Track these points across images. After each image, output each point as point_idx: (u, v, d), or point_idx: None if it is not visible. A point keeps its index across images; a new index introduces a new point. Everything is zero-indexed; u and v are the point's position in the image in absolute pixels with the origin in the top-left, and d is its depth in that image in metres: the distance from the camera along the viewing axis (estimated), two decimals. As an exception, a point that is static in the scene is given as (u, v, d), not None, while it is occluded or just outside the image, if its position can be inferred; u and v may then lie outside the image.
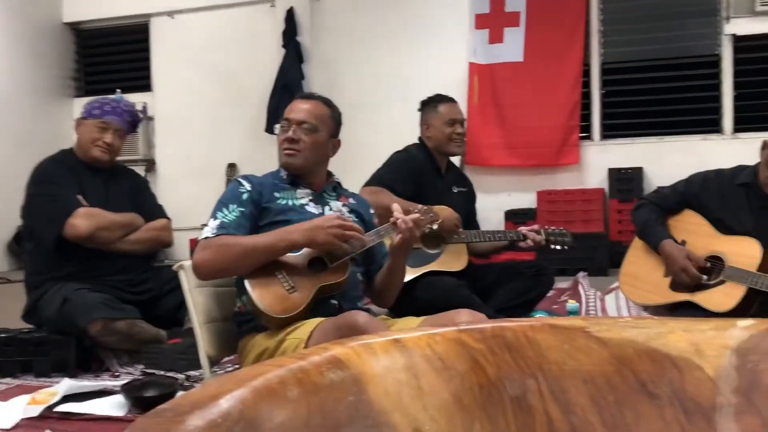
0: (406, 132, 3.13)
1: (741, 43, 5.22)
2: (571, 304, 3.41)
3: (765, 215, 2.36)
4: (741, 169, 2.51)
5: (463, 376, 0.97)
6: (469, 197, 3.12)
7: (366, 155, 3.53)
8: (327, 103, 2.02)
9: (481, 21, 5.60)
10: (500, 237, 2.87)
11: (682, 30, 5.33)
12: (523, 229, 2.84)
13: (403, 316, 2.01)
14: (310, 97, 2.02)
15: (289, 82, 5.70)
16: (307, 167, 1.96)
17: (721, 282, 2.33)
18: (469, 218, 3.04)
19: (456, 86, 5.37)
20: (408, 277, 2.74)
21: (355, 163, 3.44)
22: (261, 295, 1.75)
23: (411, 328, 1.50)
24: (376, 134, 5.49)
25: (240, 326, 1.90)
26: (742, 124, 5.24)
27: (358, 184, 2.84)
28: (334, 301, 1.85)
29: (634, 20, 5.43)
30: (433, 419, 0.91)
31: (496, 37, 5.57)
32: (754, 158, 2.47)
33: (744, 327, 0.98)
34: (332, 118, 2.00)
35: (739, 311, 2.23)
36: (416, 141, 3.03)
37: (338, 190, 2.08)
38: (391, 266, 1.96)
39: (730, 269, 2.31)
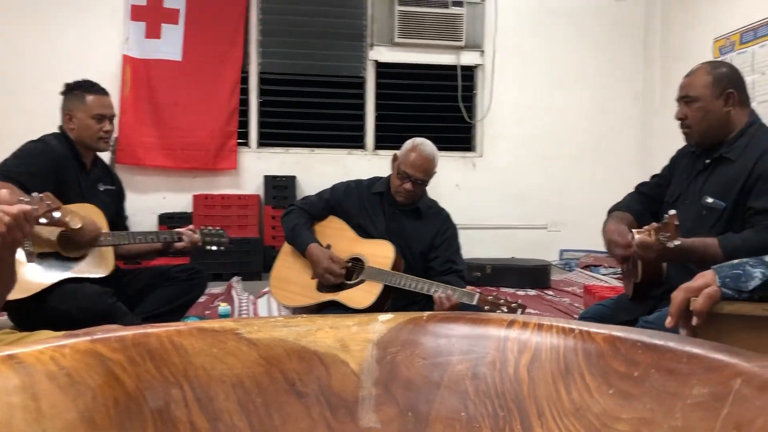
0: (49, 120, 2.74)
1: (382, 69, 5.81)
2: (223, 307, 3.37)
3: (396, 220, 2.63)
4: (377, 179, 2.77)
5: (96, 391, 0.84)
6: (118, 196, 2.87)
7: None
8: None
9: (137, 13, 5.27)
10: (152, 239, 2.70)
11: (333, 51, 5.73)
12: (178, 229, 2.72)
13: (37, 329, 1.73)
14: None
15: None
16: None
17: (362, 281, 2.52)
18: (117, 218, 2.80)
19: (109, 77, 4.94)
20: (41, 287, 2.41)
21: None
22: None
23: (31, 341, 1.29)
24: (9, 121, 4.79)
25: None
26: (381, 142, 5.84)
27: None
28: None
29: (291, 35, 5.66)
30: (55, 446, 0.77)
31: (153, 32, 5.30)
32: (388, 171, 2.73)
33: (384, 321, 1.04)
34: None
35: (377, 307, 2.44)
36: (56, 130, 2.68)
37: None
38: None
39: (369, 269, 2.51)
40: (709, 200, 1.97)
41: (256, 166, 5.56)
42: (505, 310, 2.14)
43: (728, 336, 0.95)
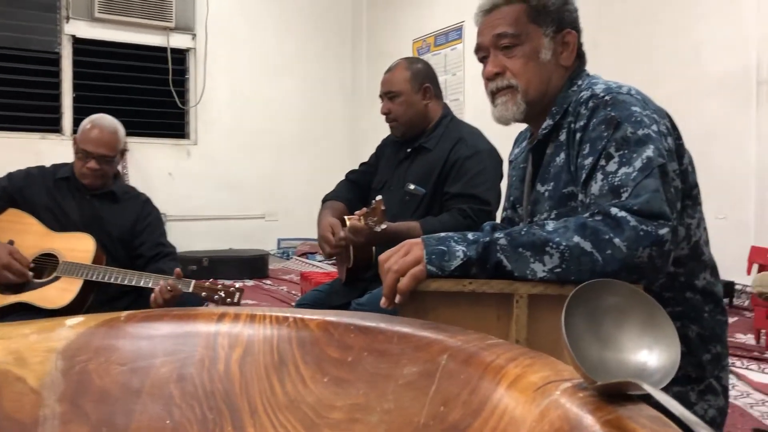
0: None
1: (80, 45, 5.26)
2: None
3: (89, 206, 2.37)
4: (63, 164, 2.47)
5: None
6: None
7: None
8: None
9: None
10: None
11: (20, 21, 5.02)
12: None
13: None
14: None
15: None
16: None
17: (57, 278, 2.23)
18: None
19: None
20: None
21: None
22: None
23: None
24: None
25: None
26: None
27: None
28: None
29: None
30: None
31: None
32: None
33: (72, 326, 0.89)
34: None
35: (77, 305, 2.18)
36: None
37: None
38: None
39: (65, 264, 2.23)
40: (411, 187, 2.11)
41: None
42: (223, 295, 2.06)
43: (433, 311, 1.00)
